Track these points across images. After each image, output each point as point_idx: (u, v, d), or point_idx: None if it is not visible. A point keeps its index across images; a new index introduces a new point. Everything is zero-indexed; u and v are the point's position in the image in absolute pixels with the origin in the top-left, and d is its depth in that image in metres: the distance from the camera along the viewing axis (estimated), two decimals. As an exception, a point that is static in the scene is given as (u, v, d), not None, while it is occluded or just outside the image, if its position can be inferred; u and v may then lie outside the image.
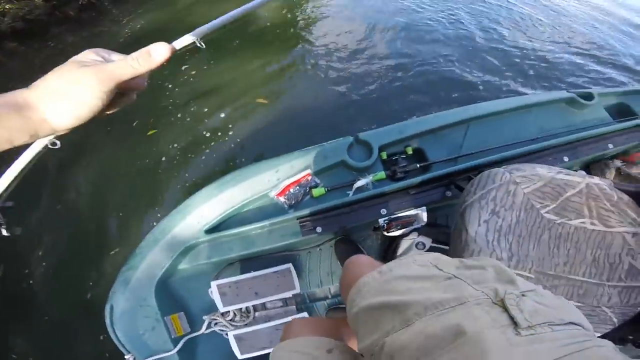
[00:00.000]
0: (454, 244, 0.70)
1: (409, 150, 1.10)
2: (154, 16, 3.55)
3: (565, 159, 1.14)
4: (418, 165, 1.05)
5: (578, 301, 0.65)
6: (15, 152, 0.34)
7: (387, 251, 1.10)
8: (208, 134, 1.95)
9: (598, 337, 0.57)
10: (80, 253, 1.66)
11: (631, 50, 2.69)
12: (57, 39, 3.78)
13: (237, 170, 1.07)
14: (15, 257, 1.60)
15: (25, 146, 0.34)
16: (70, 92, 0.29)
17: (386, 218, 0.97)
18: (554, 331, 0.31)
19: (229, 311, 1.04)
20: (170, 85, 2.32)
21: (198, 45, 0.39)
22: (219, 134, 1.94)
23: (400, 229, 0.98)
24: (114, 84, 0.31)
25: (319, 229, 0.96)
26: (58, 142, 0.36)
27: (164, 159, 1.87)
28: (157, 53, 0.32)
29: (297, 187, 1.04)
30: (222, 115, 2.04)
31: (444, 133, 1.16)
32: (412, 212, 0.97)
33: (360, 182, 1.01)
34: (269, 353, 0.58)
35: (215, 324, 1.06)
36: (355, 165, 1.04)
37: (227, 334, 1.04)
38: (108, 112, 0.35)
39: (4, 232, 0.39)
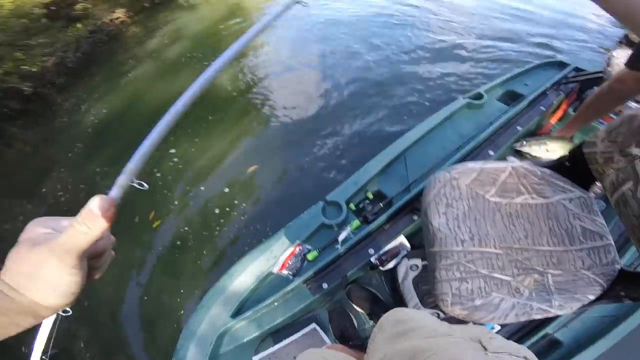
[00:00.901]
0: (426, 238, 0.79)
1: (370, 195, 1.26)
2: (112, 99, 3.63)
3: (491, 152, 1.31)
4: (381, 205, 1.20)
5: (556, 269, 0.70)
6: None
7: (391, 282, 1.21)
8: (217, 211, 2.03)
9: (594, 300, 0.66)
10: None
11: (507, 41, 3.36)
12: (15, 138, 3.64)
13: (238, 261, 1.19)
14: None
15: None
16: (40, 275, 0.27)
17: (376, 255, 1.11)
18: (511, 356, 0.43)
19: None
20: (159, 174, 2.40)
21: (137, 186, 0.35)
22: (227, 209, 2.02)
23: (392, 260, 1.12)
24: (75, 256, 0.29)
25: (325, 285, 1.07)
26: (69, 310, 0.32)
27: (178, 242, 1.92)
28: (100, 209, 0.30)
29: (294, 258, 1.17)
30: (223, 191, 2.14)
31: (389, 170, 1.34)
32: (394, 243, 1.11)
33: (342, 235, 1.16)
34: None
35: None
36: (332, 223, 1.20)
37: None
38: (96, 277, 0.33)
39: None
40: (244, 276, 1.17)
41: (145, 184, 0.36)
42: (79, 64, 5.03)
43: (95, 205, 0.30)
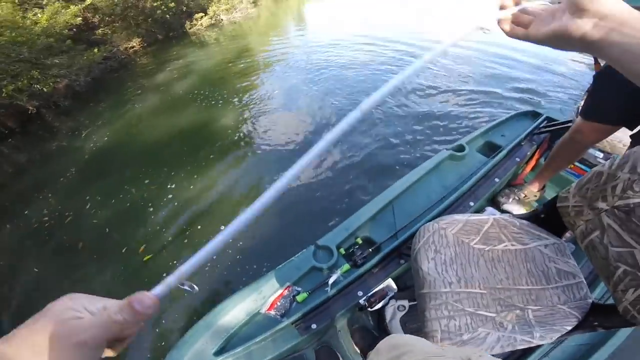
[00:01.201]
0: (416, 281, 0.86)
1: (359, 241, 1.31)
2: (114, 129, 3.67)
3: (471, 203, 1.40)
4: (370, 250, 1.26)
5: (535, 305, 0.79)
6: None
7: (379, 322, 1.25)
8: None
9: (571, 330, 0.75)
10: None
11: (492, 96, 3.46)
12: (4, 157, 3.65)
13: (225, 300, 1.19)
14: None
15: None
16: (55, 355, 0.26)
17: (364, 297, 1.15)
18: None
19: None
20: (153, 208, 2.37)
21: (187, 289, 0.34)
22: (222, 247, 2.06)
23: (380, 301, 1.17)
24: (101, 342, 0.28)
25: (314, 326, 1.09)
26: None
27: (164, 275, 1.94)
28: (141, 306, 0.29)
29: (283, 299, 1.18)
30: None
31: (378, 218, 1.41)
32: (382, 285, 1.17)
33: (333, 278, 1.20)
34: None
35: None
36: (323, 266, 1.24)
37: None
38: (109, 355, 0.32)
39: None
40: (231, 314, 1.18)
41: (195, 287, 0.35)
42: (87, 88, 5.25)
43: (137, 301, 0.30)
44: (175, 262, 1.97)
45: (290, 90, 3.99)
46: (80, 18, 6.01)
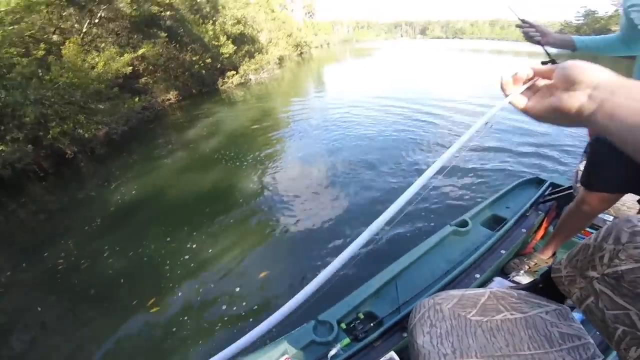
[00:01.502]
0: (412, 356, 0.86)
1: (361, 315, 1.32)
2: (143, 183, 3.88)
3: (477, 275, 1.39)
4: (372, 324, 1.26)
5: None
6: None
7: None
8: (224, 307, 2.05)
9: None
10: None
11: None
12: (34, 199, 3.84)
13: None
14: None
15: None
16: None
17: None
18: None
19: None
20: (168, 266, 2.43)
21: None
22: (233, 307, 2.05)
23: None
24: None
25: None
26: None
27: (174, 329, 1.93)
28: None
29: None
30: (234, 290, 2.19)
31: (381, 293, 1.41)
32: (385, 358, 1.14)
33: (332, 352, 1.19)
34: None
35: None
36: (322, 340, 1.23)
37: None
38: None
39: None
40: None
41: None
42: (122, 137, 5.62)
43: None
44: (183, 318, 2.02)
45: (304, 157, 4.32)
46: (131, 67, 6.67)
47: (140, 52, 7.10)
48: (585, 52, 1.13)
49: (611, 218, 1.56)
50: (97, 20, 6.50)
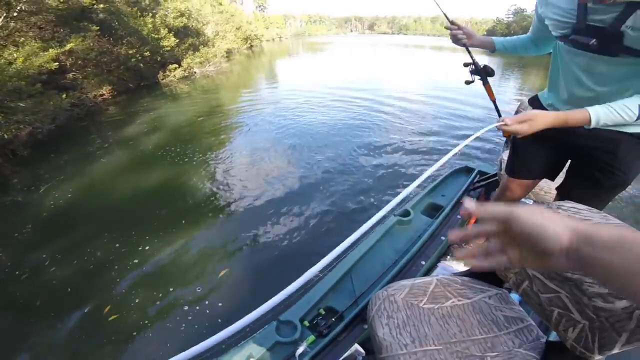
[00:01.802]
0: (375, 348, 0.88)
1: (322, 311, 1.33)
2: (78, 185, 3.67)
3: (422, 262, 1.47)
4: (333, 319, 1.27)
5: (493, 352, 0.82)
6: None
7: None
8: (186, 307, 2.03)
9: None
10: None
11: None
12: None
13: None
14: None
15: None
16: None
17: None
18: None
19: None
20: (117, 271, 2.36)
21: None
22: (196, 307, 2.04)
23: None
24: None
25: None
26: None
27: (134, 333, 1.90)
28: None
29: None
30: (188, 287, 2.19)
31: (338, 287, 1.43)
32: (350, 351, 1.19)
33: (299, 350, 1.20)
34: None
35: None
36: (287, 340, 1.22)
37: None
38: None
39: None
40: None
41: None
42: (49, 137, 5.12)
43: None
44: (144, 322, 1.99)
45: (257, 149, 4.42)
46: (57, 63, 6.03)
47: (68, 46, 6.46)
48: (503, 52, 1.22)
49: (531, 202, 1.67)
50: (15, 14, 5.76)
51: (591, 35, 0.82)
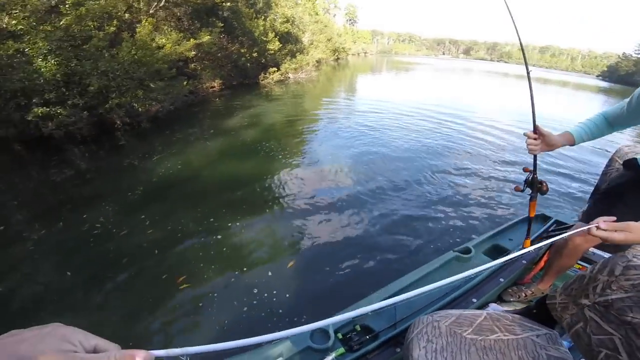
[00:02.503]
0: None
1: (358, 327, 1.35)
2: (185, 160, 4.05)
3: (474, 300, 1.45)
4: (367, 337, 1.29)
5: None
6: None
7: None
8: (255, 290, 2.11)
9: None
10: None
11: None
12: (70, 162, 4.04)
13: None
14: None
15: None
16: None
17: None
18: None
19: None
20: (199, 243, 2.50)
21: None
22: (265, 294, 2.11)
23: None
24: None
25: None
26: None
27: (200, 304, 2.00)
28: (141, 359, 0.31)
29: None
30: (259, 272, 2.27)
31: (379, 309, 1.48)
32: None
33: (328, 359, 1.21)
34: None
35: None
36: (318, 348, 1.25)
37: None
38: None
39: None
40: None
41: None
42: (167, 116, 5.90)
43: (140, 355, 0.31)
44: (212, 295, 2.06)
45: (334, 153, 4.53)
46: (194, 52, 6.86)
47: (205, 38, 7.40)
48: (582, 142, 1.20)
49: (606, 255, 1.58)
50: (162, 3, 6.92)
51: None
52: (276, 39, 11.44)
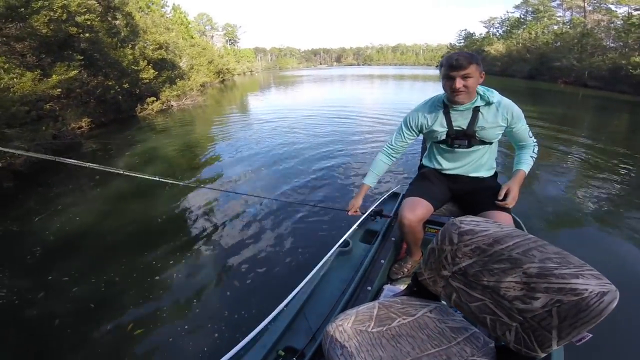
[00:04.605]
0: None
1: (282, 353, 1.23)
2: (79, 210, 3.75)
3: (369, 288, 1.49)
4: (294, 358, 1.18)
5: None
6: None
7: None
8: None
9: None
10: None
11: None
12: None
13: None
14: None
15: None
16: None
17: None
18: None
19: None
20: (134, 288, 2.36)
21: None
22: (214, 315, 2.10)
23: None
24: None
25: None
26: None
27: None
28: None
29: None
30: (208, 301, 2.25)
31: (294, 326, 1.36)
32: None
33: None
34: None
35: None
36: None
37: None
38: None
39: None
40: None
41: None
42: (33, 169, 4.97)
43: None
44: (168, 339, 2.00)
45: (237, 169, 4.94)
46: (59, 90, 5.93)
47: (72, 73, 6.45)
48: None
49: (443, 218, 1.74)
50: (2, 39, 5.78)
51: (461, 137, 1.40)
52: (150, 67, 10.86)
